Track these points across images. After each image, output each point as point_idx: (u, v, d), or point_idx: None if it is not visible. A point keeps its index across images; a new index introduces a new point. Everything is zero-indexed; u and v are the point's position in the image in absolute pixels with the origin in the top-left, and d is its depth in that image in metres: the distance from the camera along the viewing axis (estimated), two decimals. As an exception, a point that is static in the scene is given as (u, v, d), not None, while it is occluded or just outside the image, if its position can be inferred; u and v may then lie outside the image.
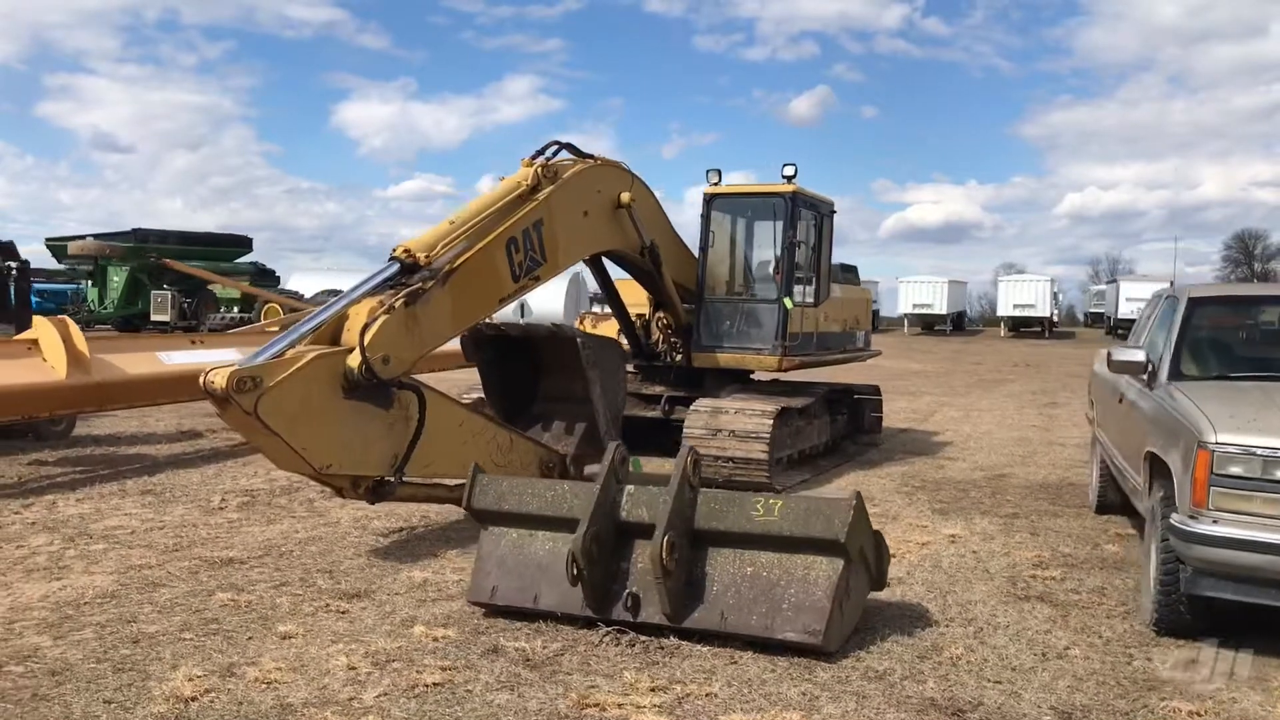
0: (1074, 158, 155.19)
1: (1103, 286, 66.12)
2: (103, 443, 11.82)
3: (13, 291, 11.55)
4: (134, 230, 33.39)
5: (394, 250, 7.58)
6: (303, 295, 24.54)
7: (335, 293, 29.41)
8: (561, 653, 5.24)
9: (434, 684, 4.79)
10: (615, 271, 10.84)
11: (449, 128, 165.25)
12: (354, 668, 4.99)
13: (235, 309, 29.36)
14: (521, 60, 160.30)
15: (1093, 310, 66.26)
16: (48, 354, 9.54)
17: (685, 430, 9.90)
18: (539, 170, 8.60)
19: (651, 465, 9.46)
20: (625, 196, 9.68)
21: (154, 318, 29.50)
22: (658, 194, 10.56)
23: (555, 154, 9.07)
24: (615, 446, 5.78)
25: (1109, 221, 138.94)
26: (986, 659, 5.25)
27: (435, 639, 5.43)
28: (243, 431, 6.67)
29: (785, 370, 10.91)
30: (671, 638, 5.39)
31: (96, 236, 32.57)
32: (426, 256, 7.53)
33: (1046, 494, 10.14)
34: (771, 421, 9.72)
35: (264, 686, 4.74)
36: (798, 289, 11.07)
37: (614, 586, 5.58)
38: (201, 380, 6.27)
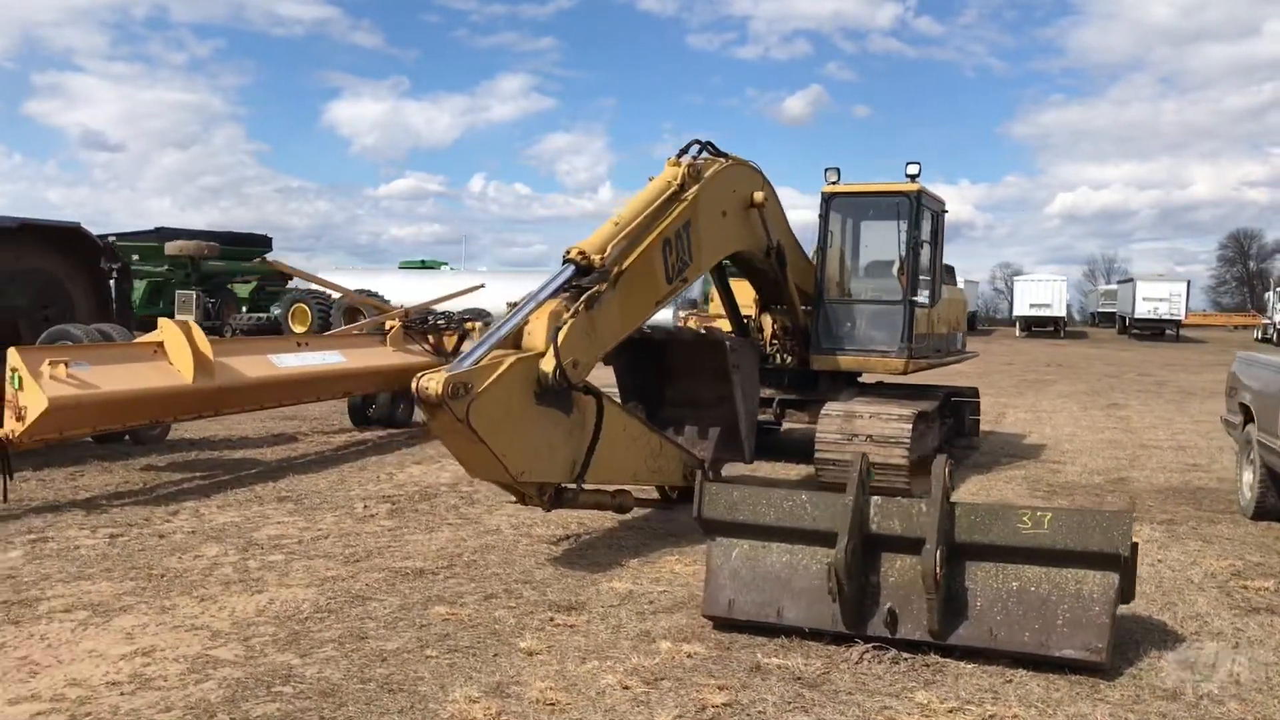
0: (1066, 157, 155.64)
1: (1113, 286, 66.20)
2: (202, 447, 11.61)
3: (114, 293, 11.32)
4: (157, 229, 33.04)
5: (567, 252, 7.41)
6: (378, 294, 24.19)
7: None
8: (827, 671, 5.07)
9: (723, 705, 4.63)
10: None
11: (441, 126, 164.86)
12: (627, 687, 4.82)
13: (243, 309, 29.17)
14: (514, 59, 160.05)
15: (1102, 310, 66.27)
16: (173, 357, 9.33)
17: (819, 435, 9.73)
18: (686, 170, 8.44)
19: (764, 470, 9.31)
20: (758, 196, 9.51)
21: (178, 317, 29.16)
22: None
23: (699, 153, 8.92)
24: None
25: (1100, 221, 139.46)
26: (1269, 677, 5.09)
27: (688, 655, 5.26)
28: (446, 437, 6.48)
29: (909, 373, 10.74)
30: (931, 655, 5.23)
31: (120, 237, 32.23)
32: (600, 258, 7.37)
33: (1183, 499, 10.00)
34: (911, 426, 9.56)
35: (550, 708, 4.57)
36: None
37: (865, 601, 5.41)
38: (414, 386, 6.11)
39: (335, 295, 26.59)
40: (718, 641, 5.48)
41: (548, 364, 6.73)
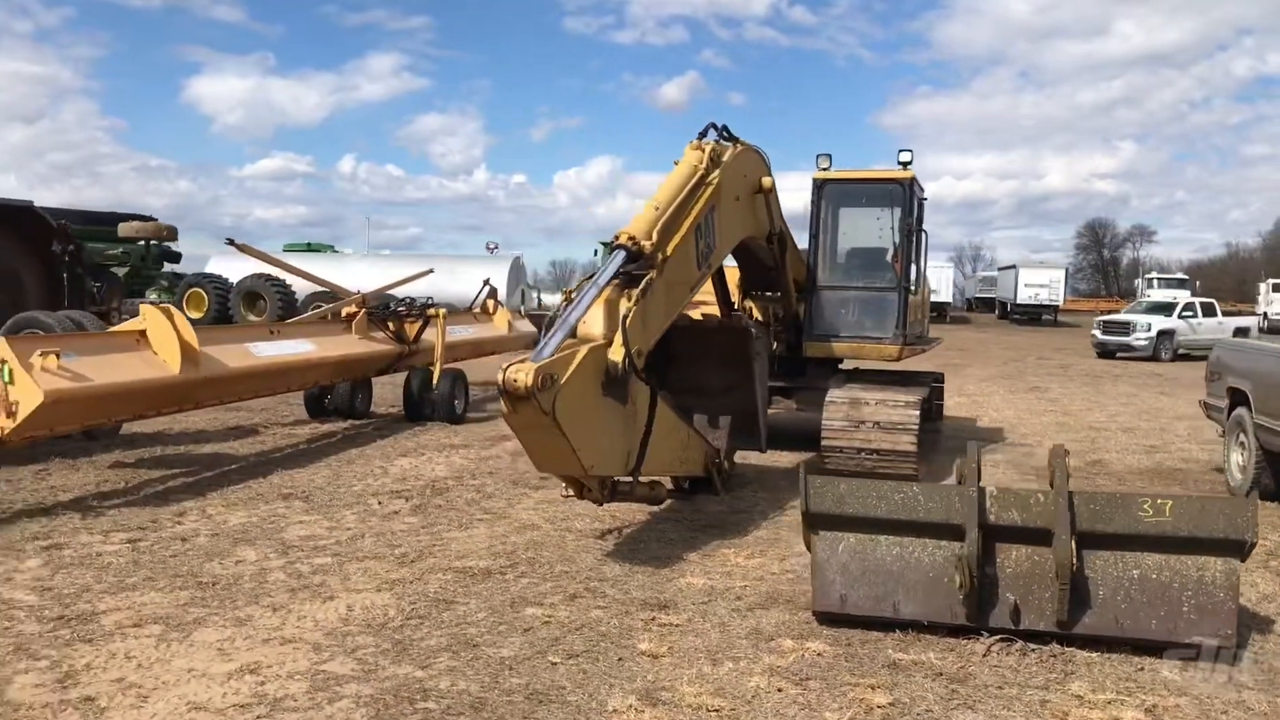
0: (931, 148, 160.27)
1: (993, 273, 68.49)
2: (163, 441, 10.89)
3: (67, 278, 10.51)
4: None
5: (618, 237, 7.19)
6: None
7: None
8: (964, 665, 5.02)
9: (889, 704, 4.54)
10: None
11: (308, 105, 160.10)
12: (780, 689, 4.68)
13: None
14: (385, 37, 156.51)
15: (980, 295, 68.54)
16: (158, 347, 8.70)
17: (825, 423, 9.71)
18: (710, 154, 8.30)
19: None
20: (767, 181, 9.43)
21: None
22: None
23: (717, 138, 8.78)
24: (977, 447, 5.56)
25: (963, 210, 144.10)
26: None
27: (817, 654, 5.15)
28: (526, 430, 6.15)
29: (902, 359, 10.82)
30: (1053, 645, 5.22)
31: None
32: (650, 244, 7.17)
33: (1168, 479, 10.36)
34: (918, 412, 9.63)
35: (715, 714, 4.41)
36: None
37: (984, 593, 5.37)
38: (501, 377, 5.78)
39: (286, 279, 25.43)
40: (834, 637, 5.37)
41: (616, 353, 6.51)
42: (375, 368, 12.90)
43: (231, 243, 11.59)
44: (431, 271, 16.64)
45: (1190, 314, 32.38)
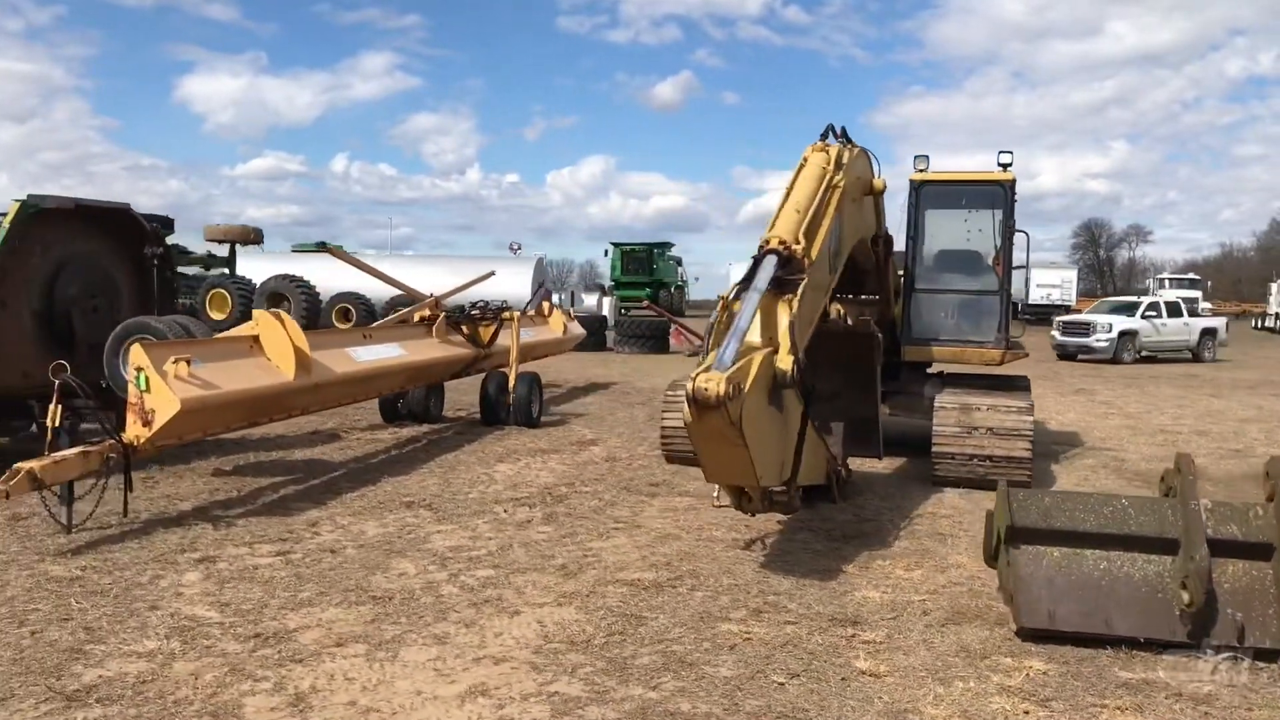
0: (923, 148, 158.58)
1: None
2: (245, 448, 10.73)
3: (156, 281, 10.30)
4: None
5: (768, 241, 7.01)
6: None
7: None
8: (1201, 685, 4.88)
9: (1149, 727, 4.39)
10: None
11: (301, 104, 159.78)
12: (1026, 711, 4.54)
13: None
14: (378, 36, 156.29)
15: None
16: (271, 352, 8.53)
17: (937, 429, 9.58)
18: (835, 157, 8.18)
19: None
20: (879, 183, 9.29)
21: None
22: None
23: (837, 140, 8.65)
24: (1189, 459, 5.44)
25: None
26: None
27: (1042, 672, 5.01)
28: (709, 440, 5.96)
29: (1003, 363, 10.69)
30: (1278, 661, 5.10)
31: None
32: (801, 247, 7.02)
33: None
34: (1032, 418, 9.51)
35: (976, 738, 4.26)
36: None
37: (1205, 610, 5.24)
38: (690, 386, 5.60)
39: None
40: (1048, 655, 5.23)
41: (784, 361, 6.36)
42: (453, 371, 12.74)
43: (324, 246, 11.40)
44: (494, 274, 16.48)
45: (1154, 314, 30.31)
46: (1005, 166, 10.67)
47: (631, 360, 25.68)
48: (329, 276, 26.59)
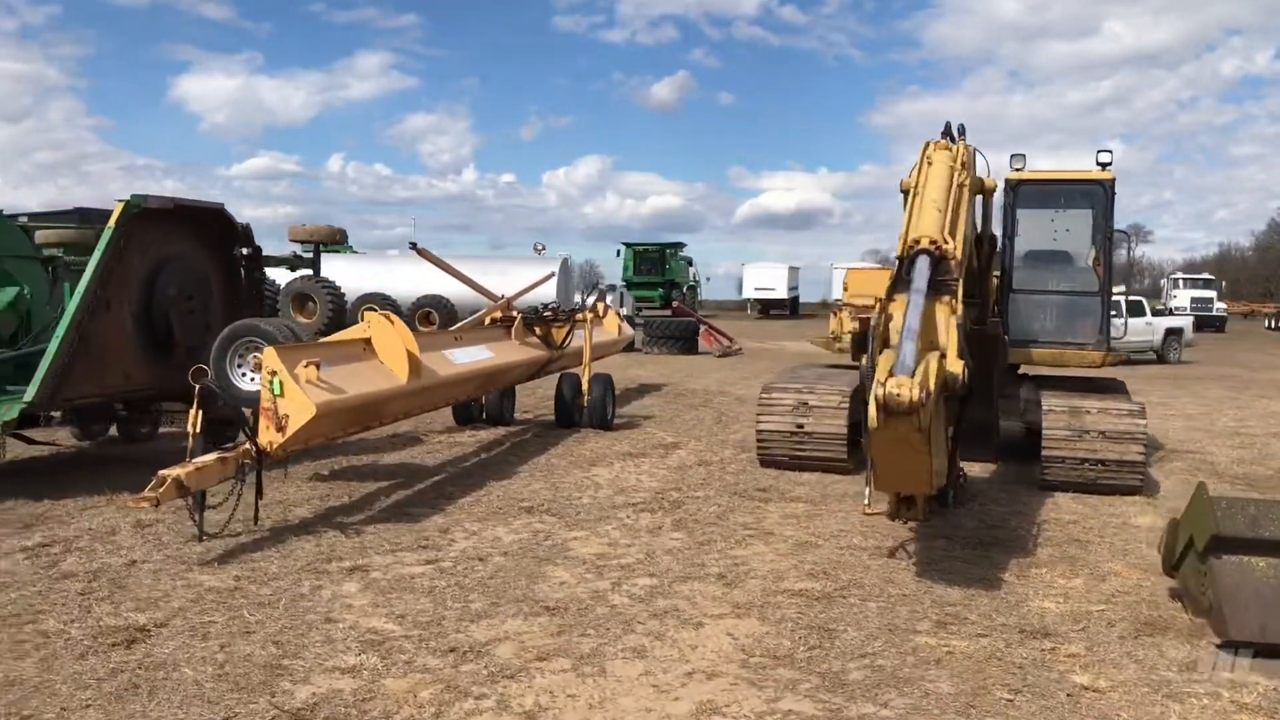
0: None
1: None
2: (335, 451, 10.54)
3: (246, 282, 10.12)
4: (76, 210, 30.47)
5: (919, 241, 6.85)
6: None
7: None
8: None
9: None
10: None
11: (296, 104, 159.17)
12: (1277, 730, 4.38)
13: None
14: (373, 36, 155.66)
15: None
16: (384, 355, 8.36)
17: (1047, 432, 9.41)
18: (960, 154, 8.05)
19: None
20: (990, 182, 9.15)
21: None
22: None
23: (957, 139, 8.54)
24: None
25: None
26: None
27: (1275, 690, 4.84)
28: (892, 445, 5.80)
29: (1103, 366, 10.54)
30: None
31: (31, 217, 29.52)
32: (951, 246, 6.87)
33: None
34: (1144, 420, 9.35)
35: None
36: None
37: None
38: (881, 392, 5.44)
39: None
40: (1268, 670, 5.07)
41: (954, 365, 6.21)
42: (530, 373, 12.57)
43: (414, 247, 11.23)
44: (554, 275, 16.31)
45: (1114, 314, 30.25)
46: (1105, 166, 10.53)
47: (663, 361, 25.45)
48: (353, 278, 26.36)
